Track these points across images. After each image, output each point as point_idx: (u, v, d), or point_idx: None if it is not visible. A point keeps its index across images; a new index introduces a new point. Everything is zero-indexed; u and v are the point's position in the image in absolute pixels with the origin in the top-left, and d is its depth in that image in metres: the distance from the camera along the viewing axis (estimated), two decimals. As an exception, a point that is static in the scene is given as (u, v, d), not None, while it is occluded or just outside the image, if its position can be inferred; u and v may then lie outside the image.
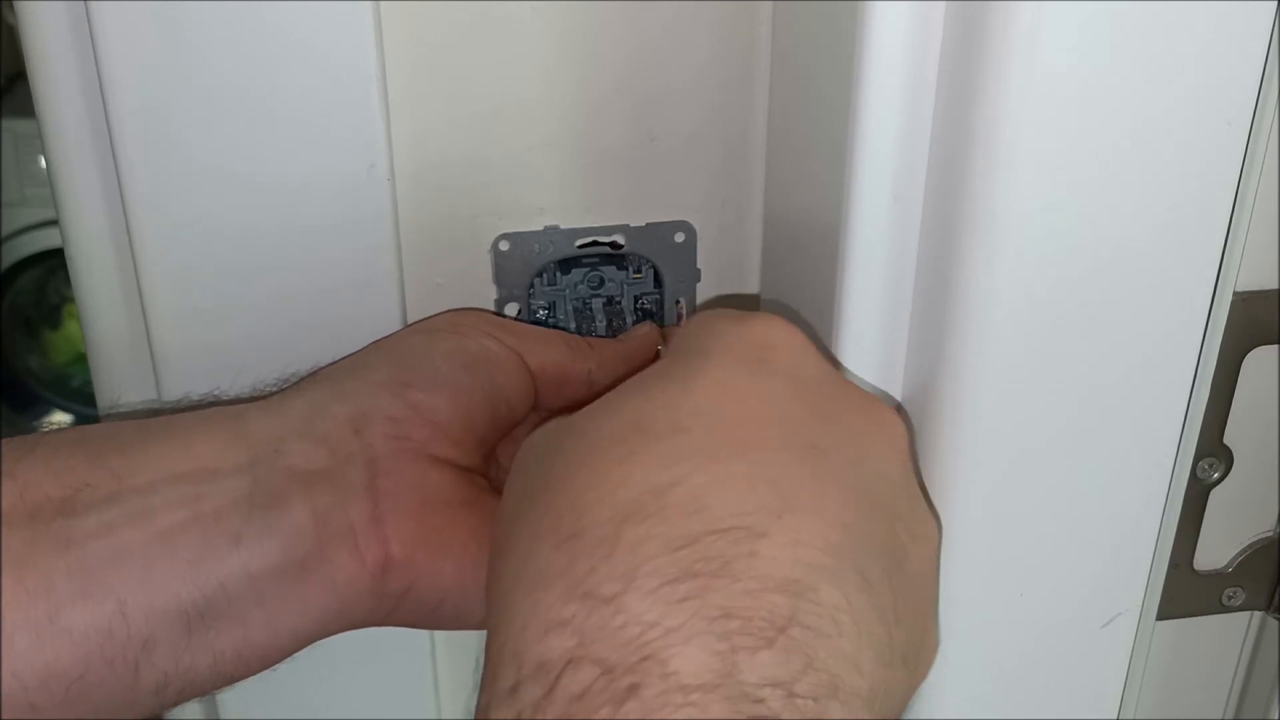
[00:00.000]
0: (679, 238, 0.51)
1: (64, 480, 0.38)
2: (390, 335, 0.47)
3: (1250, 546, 0.49)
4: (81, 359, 0.49)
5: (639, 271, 0.52)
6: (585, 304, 0.52)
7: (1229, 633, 0.52)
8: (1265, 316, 0.44)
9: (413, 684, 0.56)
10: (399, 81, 0.46)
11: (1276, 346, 0.45)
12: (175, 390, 0.47)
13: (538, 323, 0.52)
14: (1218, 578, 0.50)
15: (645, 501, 0.32)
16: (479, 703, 0.31)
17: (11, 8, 0.43)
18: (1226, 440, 0.46)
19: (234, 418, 0.42)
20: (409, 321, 0.48)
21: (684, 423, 0.34)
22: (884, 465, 0.37)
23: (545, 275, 0.51)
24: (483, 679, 0.32)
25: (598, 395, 0.38)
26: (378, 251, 0.46)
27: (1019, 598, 0.42)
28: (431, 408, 0.43)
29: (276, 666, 0.41)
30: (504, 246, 0.50)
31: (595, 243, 0.51)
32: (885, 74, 0.37)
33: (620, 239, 0.51)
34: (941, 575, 0.41)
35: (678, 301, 0.53)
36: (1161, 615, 0.49)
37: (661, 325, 0.53)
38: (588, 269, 0.52)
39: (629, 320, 0.53)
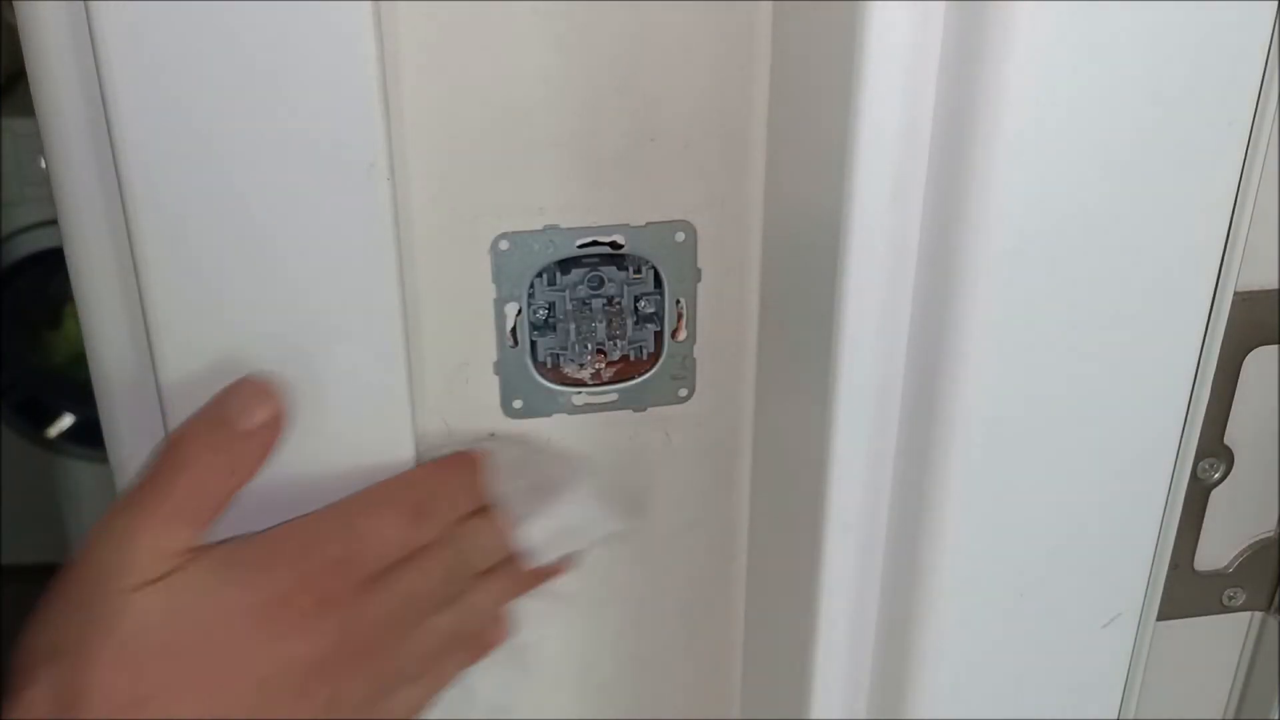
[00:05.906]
0: (679, 238, 0.51)
1: None
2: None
3: (1250, 547, 0.49)
4: (81, 359, 0.49)
5: (639, 271, 0.52)
6: (585, 304, 0.52)
7: (1229, 633, 0.52)
8: (1265, 316, 0.44)
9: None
10: (399, 81, 0.46)
11: (1276, 346, 0.45)
12: (176, 389, 0.47)
13: (538, 322, 0.52)
14: (1218, 578, 0.50)
15: None
16: None
17: (11, 8, 0.43)
18: (1226, 440, 0.46)
19: None
20: (407, 321, 0.48)
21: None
22: None
23: (545, 275, 0.51)
24: None
25: None
26: (378, 251, 0.46)
27: (1019, 598, 0.43)
28: None
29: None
30: (504, 246, 0.50)
31: (595, 243, 0.51)
32: (885, 74, 0.37)
33: (620, 239, 0.51)
34: (943, 576, 0.41)
35: (678, 301, 0.53)
36: (1161, 615, 0.49)
37: (661, 326, 0.53)
38: (588, 269, 0.52)
39: (629, 320, 0.53)
